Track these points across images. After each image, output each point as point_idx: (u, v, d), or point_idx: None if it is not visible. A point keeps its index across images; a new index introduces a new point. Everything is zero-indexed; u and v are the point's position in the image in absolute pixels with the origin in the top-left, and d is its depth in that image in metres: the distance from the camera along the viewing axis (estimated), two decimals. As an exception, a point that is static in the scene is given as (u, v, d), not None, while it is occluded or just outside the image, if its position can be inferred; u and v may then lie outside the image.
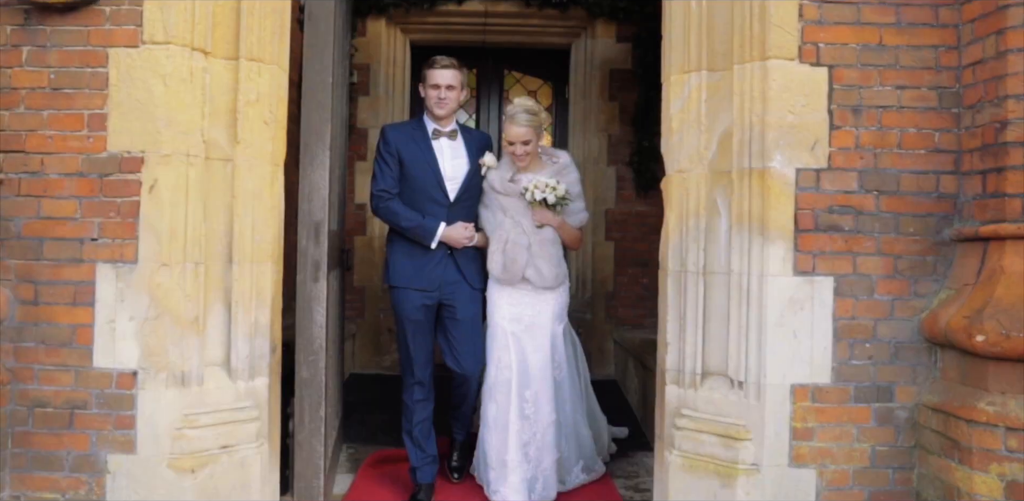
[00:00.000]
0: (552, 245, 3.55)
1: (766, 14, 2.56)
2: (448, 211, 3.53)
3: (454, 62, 3.61)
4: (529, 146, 3.50)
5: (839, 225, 2.57)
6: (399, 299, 3.56)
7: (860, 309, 2.57)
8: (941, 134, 2.59)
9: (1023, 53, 2.32)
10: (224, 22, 2.67)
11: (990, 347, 2.25)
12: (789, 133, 2.56)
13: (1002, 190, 2.36)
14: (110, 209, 2.55)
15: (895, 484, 2.56)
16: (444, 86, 3.54)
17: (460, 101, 3.65)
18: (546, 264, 3.52)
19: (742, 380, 2.60)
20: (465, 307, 3.59)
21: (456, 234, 3.52)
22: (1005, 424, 2.21)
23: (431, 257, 3.53)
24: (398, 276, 3.57)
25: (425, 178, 3.54)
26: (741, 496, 2.54)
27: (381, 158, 3.58)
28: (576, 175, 3.62)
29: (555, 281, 3.55)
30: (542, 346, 3.52)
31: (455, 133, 3.66)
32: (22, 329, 2.54)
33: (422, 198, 3.54)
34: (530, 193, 3.41)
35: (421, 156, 3.56)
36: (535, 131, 3.52)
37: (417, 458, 3.56)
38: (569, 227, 3.59)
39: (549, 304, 3.58)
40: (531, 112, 3.52)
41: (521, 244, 3.49)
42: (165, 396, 2.54)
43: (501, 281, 3.56)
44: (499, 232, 3.54)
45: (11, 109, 2.56)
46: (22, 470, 2.54)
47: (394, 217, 3.53)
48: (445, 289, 3.55)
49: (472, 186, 3.63)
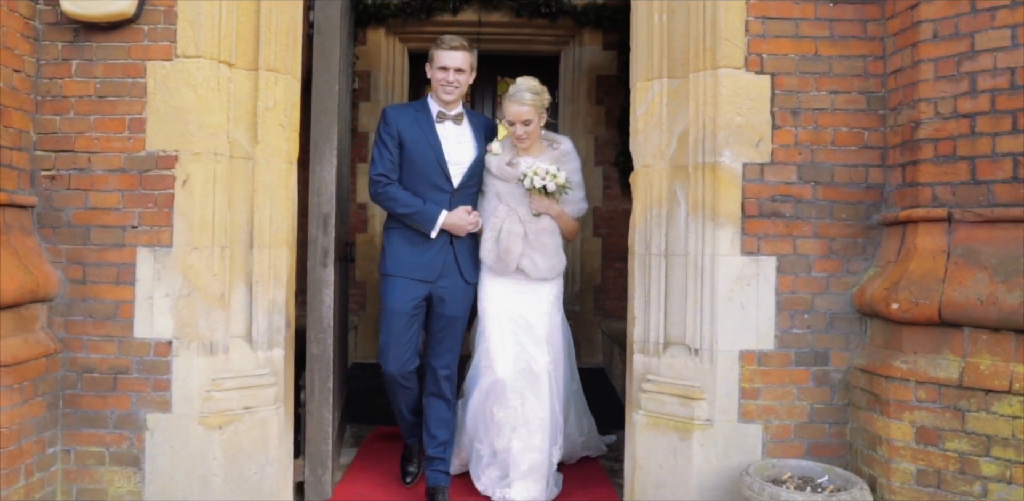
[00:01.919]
0: (549, 235, 3.39)
1: (717, 29, 2.93)
2: (451, 198, 3.35)
3: (464, 43, 3.38)
4: (530, 126, 3.34)
5: (781, 212, 2.93)
6: (392, 288, 3.37)
7: (799, 285, 2.93)
8: (869, 132, 2.95)
9: (933, 63, 2.69)
10: (246, 37, 3.01)
11: (903, 313, 2.62)
12: (737, 132, 2.92)
13: (916, 180, 2.73)
14: (148, 200, 2.87)
15: (830, 437, 2.92)
16: (453, 69, 3.33)
17: (468, 84, 3.42)
18: (541, 255, 3.36)
19: (698, 347, 2.95)
20: (456, 304, 3.42)
21: (458, 220, 3.32)
22: (915, 378, 2.59)
23: (432, 245, 3.35)
24: (395, 264, 3.39)
25: (427, 162, 3.33)
26: (696, 448, 2.90)
27: (380, 140, 3.36)
28: (577, 163, 3.47)
29: (550, 273, 3.41)
30: (535, 338, 3.41)
31: (461, 117, 3.45)
32: (71, 305, 2.88)
33: (424, 184, 3.33)
34: (529, 179, 3.26)
35: (423, 139, 3.34)
36: (537, 111, 3.34)
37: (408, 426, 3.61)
38: (567, 217, 3.43)
39: (543, 295, 3.44)
40: (534, 91, 3.35)
41: (516, 233, 3.33)
42: (196, 363, 2.88)
43: (494, 271, 3.42)
44: (493, 220, 3.37)
45: (62, 114, 2.89)
46: (72, 427, 2.87)
47: (392, 203, 3.34)
48: (442, 281, 3.39)
49: (478, 173, 3.43)
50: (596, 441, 4.00)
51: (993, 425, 2.41)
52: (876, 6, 2.94)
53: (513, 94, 3.34)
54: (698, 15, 2.97)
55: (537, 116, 3.34)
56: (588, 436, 3.94)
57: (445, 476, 3.41)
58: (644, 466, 3.01)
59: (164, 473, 2.85)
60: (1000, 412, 2.40)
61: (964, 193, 2.61)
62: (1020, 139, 2.49)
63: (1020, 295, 2.39)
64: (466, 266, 3.41)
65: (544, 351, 3.40)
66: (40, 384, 2.72)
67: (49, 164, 2.89)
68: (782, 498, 2.50)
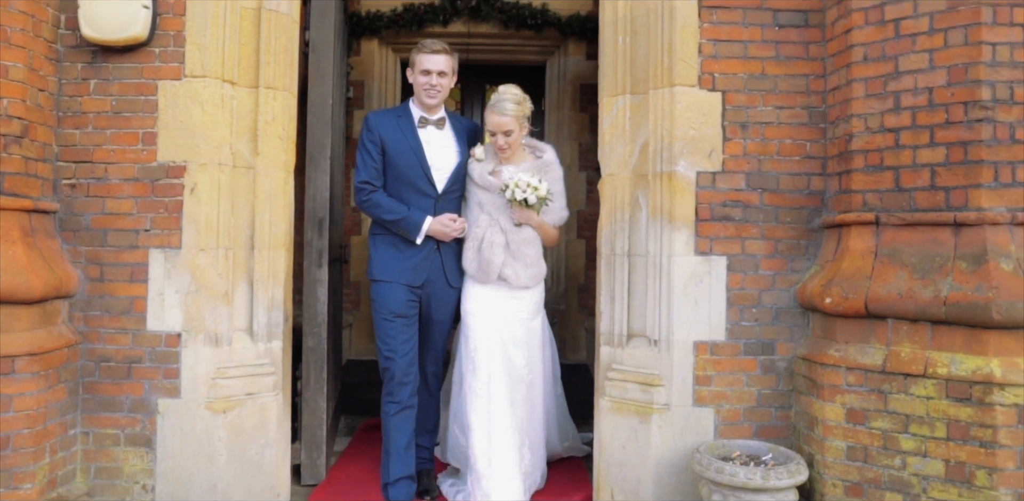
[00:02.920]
0: (530, 245, 3.44)
1: (673, 51, 3.23)
2: (436, 203, 3.37)
3: (446, 47, 3.38)
4: (511, 137, 3.36)
5: (731, 216, 3.23)
6: (384, 293, 3.38)
7: (748, 282, 3.23)
8: (811, 144, 3.25)
9: (864, 82, 3.00)
10: (247, 58, 3.29)
11: (835, 307, 2.93)
12: (691, 144, 3.22)
13: (850, 187, 3.04)
14: (159, 206, 3.15)
15: (776, 420, 3.22)
16: (435, 72, 3.34)
17: (450, 88, 3.43)
18: (523, 265, 3.41)
19: (657, 339, 3.25)
20: (441, 308, 3.47)
21: (443, 227, 3.34)
22: (846, 365, 2.90)
23: (418, 251, 3.38)
24: (383, 270, 3.39)
25: (410, 168, 3.33)
26: (655, 430, 3.20)
27: (363, 147, 3.36)
28: (559, 172, 3.50)
29: (531, 281, 3.47)
30: (517, 344, 3.46)
31: (443, 121, 3.46)
32: (90, 301, 3.17)
33: (408, 189, 3.34)
34: (510, 191, 3.28)
35: (406, 144, 3.34)
36: (518, 121, 3.36)
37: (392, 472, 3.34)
38: (548, 226, 3.47)
39: (525, 302, 3.50)
40: (515, 101, 3.35)
41: (497, 243, 3.37)
42: (203, 353, 3.18)
43: (476, 279, 3.47)
44: (475, 229, 3.41)
45: (81, 128, 3.18)
46: (90, 412, 3.16)
47: (377, 210, 3.35)
48: (428, 287, 3.42)
49: (462, 177, 3.44)
50: (578, 444, 4.12)
51: (911, 405, 2.73)
52: (817, 29, 3.25)
53: (494, 104, 3.36)
54: (657, 38, 3.27)
55: (518, 126, 3.37)
56: (572, 440, 4.08)
57: (429, 461, 3.69)
58: (608, 447, 3.31)
59: (174, 453, 3.15)
60: (917, 393, 2.71)
61: (890, 199, 2.92)
62: (937, 151, 2.81)
63: (934, 290, 2.70)
64: (451, 271, 3.45)
65: (524, 355, 3.46)
66: (62, 372, 3.02)
67: (70, 174, 3.19)
68: (726, 471, 2.81)
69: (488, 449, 3.35)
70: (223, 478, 3.18)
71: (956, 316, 2.64)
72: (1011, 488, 2.55)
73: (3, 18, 2.88)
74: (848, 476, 2.87)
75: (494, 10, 6.79)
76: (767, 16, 3.24)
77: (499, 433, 3.35)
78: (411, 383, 3.38)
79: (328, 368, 3.81)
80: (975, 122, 2.72)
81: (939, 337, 2.71)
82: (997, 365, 2.58)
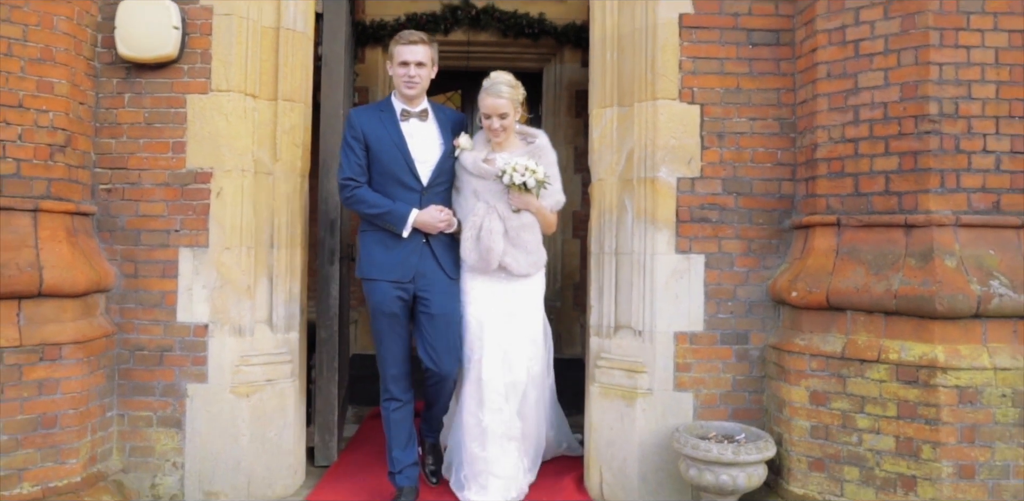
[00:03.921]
0: (529, 231, 3.40)
1: (655, 67, 3.53)
2: (421, 197, 3.33)
3: (423, 37, 3.33)
4: (507, 120, 3.33)
5: (708, 218, 3.53)
6: (372, 292, 3.38)
7: (724, 278, 3.53)
8: (782, 152, 3.56)
9: (827, 97, 3.31)
10: (267, 73, 3.60)
11: (800, 300, 3.25)
12: (672, 152, 3.52)
13: (815, 192, 3.36)
14: (188, 209, 3.45)
15: (750, 403, 3.53)
16: (413, 63, 3.29)
17: (430, 78, 3.39)
18: (523, 252, 3.39)
19: (641, 330, 3.56)
20: (441, 301, 3.39)
21: (430, 219, 3.29)
22: (809, 352, 3.21)
23: (406, 246, 3.33)
24: (371, 268, 3.37)
25: (394, 162, 3.30)
26: (639, 413, 3.51)
27: (347, 144, 3.34)
28: (553, 156, 3.47)
29: (532, 268, 3.45)
30: (517, 337, 3.48)
31: (426, 113, 3.41)
32: (125, 295, 3.48)
33: (392, 184, 3.31)
34: (508, 176, 3.24)
35: (388, 139, 3.30)
36: (513, 104, 3.34)
37: (397, 463, 3.43)
38: (546, 211, 3.43)
39: (527, 291, 3.51)
40: (510, 84, 3.33)
41: (496, 231, 3.32)
42: (227, 342, 3.48)
43: (476, 269, 3.43)
44: (472, 218, 3.35)
45: (117, 138, 3.48)
46: (125, 396, 3.46)
47: (362, 205, 3.31)
48: (420, 281, 3.36)
49: (446, 169, 3.40)
50: (574, 444, 4.18)
51: (866, 388, 3.04)
52: (787, 48, 3.56)
53: (489, 87, 3.32)
54: (641, 55, 3.58)
55: (513, 110, 3.35)
56: (569, 443, 4.17)
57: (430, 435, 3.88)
58: (598, 428, 3.62)
59: (201, 433, 3.46)
60: (871, 377, 3.03)
61: (850, 203, 3.24)
62: (891, 160, 3.12)
63: (887, 284, 3.02)
64: (447, 262, 3.40)
65: (523, 347, 3.49)
66: (101, 359, 3.34)
67: (106, 179, 3.50)
68: (701, 448, 3.12)
69: (484, 440, 3.42)
70: (246, 457, 3.49)
71: (905, 307, 2.96)
72: (952, 460, 2.86)
73: (50, 39, 3.19)
74: (812, 452, 3.18)
75: (493, 19, 7.11)
76: (742, 35, 3.55)
77: (495, 424, 3.41)
78: (404, 379, 3.45)
79: (339, 358, 4.12)
80: (924, 134, 3.03)
81: (891, 326, 3.03)
82: (941, 351, 2.90)
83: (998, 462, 2.86)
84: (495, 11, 7.08)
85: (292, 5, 3.67)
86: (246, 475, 3.49)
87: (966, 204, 3.01)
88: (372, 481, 3.76)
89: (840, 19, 3.27)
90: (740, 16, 3.55)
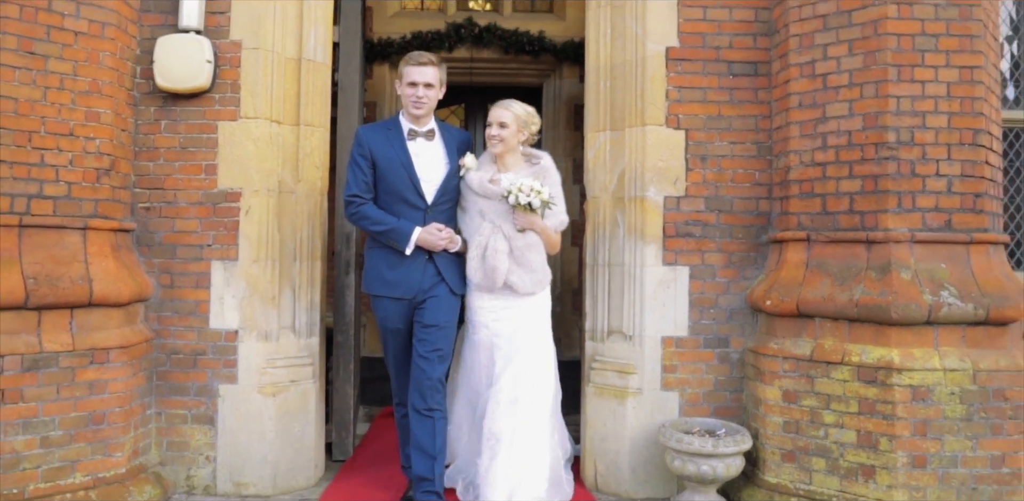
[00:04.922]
0: (534, 250, 3.44)
1: (645, 96, 3.88)
2: (425, 215, 3.37)
3: (432, 59, 3.38)
4: (505, 131, 3.38)
5: (692, 233, 3.87)
6: (377, 308, 3.49)
7: (707, 287, 3.87)
8: (760, 173, 3.90)
9: (799, 124, 3.65)
10: (290, 100, 3.93)
11: (774, 308, 3.59)
12: (660, 173, 3.87)
13: (788, 210, 3.70)
14: (220, 225, 3.78)
15: (730, 402, 3.87)
16: (422, 84, 3.34)
17: (438, 99, 3.45)
18: (527, 271, 3.43)
19: (631, 335, 3.90)
20: (439, 313, 3.40)
21: (431, 237, 3.32)
22: (782, 355, 3.55)
23: (410, 263, 3.37)
24: (375, 284, 3.45)
25: (400, 180, 3.33)
26: (630, 410, 3.85)
27: (354, 161, 3.38)
28: (557, 177, 3.54)
29: (537, 287, 3.48)
30: (521, 352, 3.49)
31: (432, 133, 3.46)
32: (162, 304, 3.82)
33: (398, 202, 3.35)
34: (513, 196, 3.28)
35: (395, 157, 3.34)
36: (517, 120, 3.41)
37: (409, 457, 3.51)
38: (550, 231, 3.48)
39: (531, 309, 3.53)
40: (522, 107, 3.44)
41: (501, 250, 3.38)
42: (255, 347, 3.82)
43: (482, 288, 3.48)
44: (478, 237, 3.41)
45: (155, 161, 3.82)
46: (163, 395, 3.80)
47: (366, 222, 3.36)
48: (422, 297, 3.41)
49: (451, 188, 3.44)
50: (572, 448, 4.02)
51: (831, 387, 3.38)
52: (765, 78, 3.91)
53: (500, 102, 3.48)
54: (631, 84, 3.93)
55: (515, 125, 3.42)
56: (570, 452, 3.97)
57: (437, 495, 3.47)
58: (593, 425, 3.97)
59: (232, 429, 3.80)
60: (836, 377, 3.37)
61: (819, 220, 3.58)
62: (855, 182, 3.46)
63: (850, 294, 3.36)
64: (452, 278, 3.43)
65: (530, 364, 3.46)
66: (142, 362, 3.68)
67: (145, 198, 3.84)
68: (684, 441, 3.47)
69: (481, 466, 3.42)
70: (272, 451, 3.83)
71: (866, 315, 3.30)
72: (906, 451, 3.21)
73: (97, 73, 3.54)
74: (784, 445, 3.53)
75: (495, 37, 7.41)
76: (723, 66, 3.90)
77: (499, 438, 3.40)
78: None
79: (354, 359, 4.47)
80: (883, 159, 3.38)
81: (854, 332, 3.38)
82: (897, 354, 3.25)
83: (947, 453, 3.21)
84: (497, 29, 7.38)
85: (312, 37, 4.02)
86: (272, 468, 3.83)
87: (921, 222, 3.36)
88: (386, 473, 4.10)
89: (810, 54, 3.61)
90: (722, 49, 3.90)
